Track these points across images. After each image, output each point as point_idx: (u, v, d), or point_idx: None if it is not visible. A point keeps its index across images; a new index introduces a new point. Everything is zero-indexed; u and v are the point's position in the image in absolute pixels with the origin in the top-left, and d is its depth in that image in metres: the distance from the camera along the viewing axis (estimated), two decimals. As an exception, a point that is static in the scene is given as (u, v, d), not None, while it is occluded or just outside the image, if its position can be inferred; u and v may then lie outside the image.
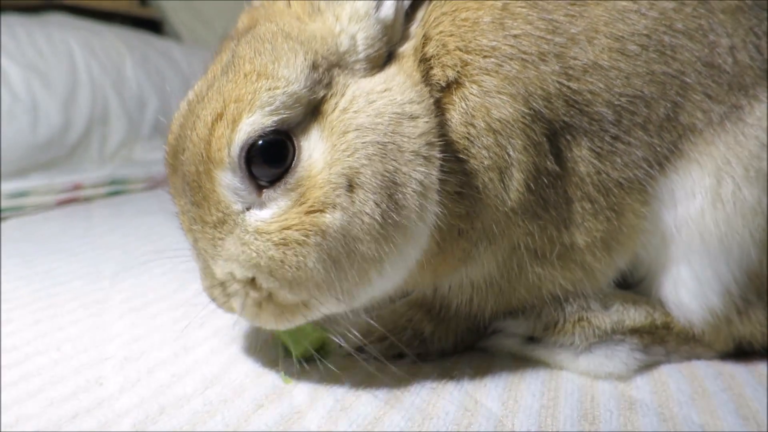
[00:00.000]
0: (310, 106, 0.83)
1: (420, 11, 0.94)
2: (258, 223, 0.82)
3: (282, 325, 0.89)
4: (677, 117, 0.93)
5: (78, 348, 1.07)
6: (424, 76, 0.89)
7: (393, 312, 1.05)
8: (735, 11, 0.94)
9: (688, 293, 0.98)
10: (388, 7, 0.89)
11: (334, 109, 0.83)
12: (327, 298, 0.85)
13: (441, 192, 0.88)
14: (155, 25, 4.15)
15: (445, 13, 0.91)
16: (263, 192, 0.82)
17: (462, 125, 0.89)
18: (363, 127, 0.82)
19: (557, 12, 0.90)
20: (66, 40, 2.86)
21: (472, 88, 0.88)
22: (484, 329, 1.06)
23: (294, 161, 0.81)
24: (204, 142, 0.80)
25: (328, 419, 0.85)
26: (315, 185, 0.81)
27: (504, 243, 0.95)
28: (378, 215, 0.82)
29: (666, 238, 0.98)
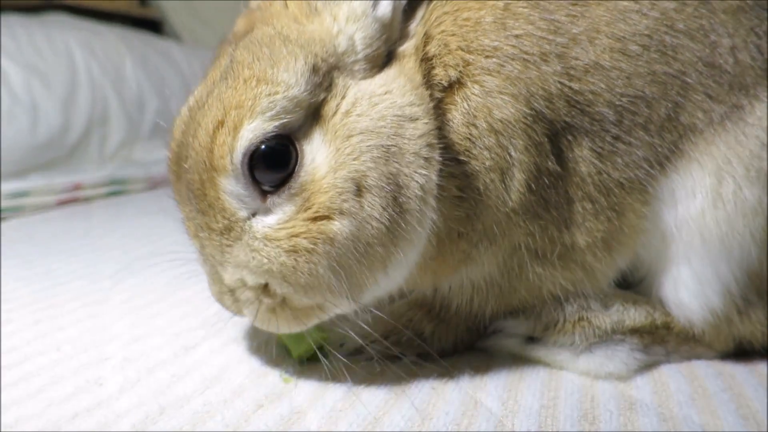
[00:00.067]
0: (310, 109, 0.82)
1: (420, 10, 0.94)
2: (266, 230, 0.82)
3: (297, 329, 0.89)
4: (678, 117, 0.93)
5: (78, 348, 1.07)
6: (425, 76, 0.89)
7: (393, 312, 1.04)
8: (736, 11, 0.94)
9: (688, 293, 0.98)
10: (385, 6, 0.89)
11: (335, 112, 0.83)
12: (340, 299, 0.85)
13: (440, 197, 0.88)
14: (155, 25, 4.15)
15: (447, 13, 0.91)
16: (267, 197, 0.82)
17: (464, 125, 0.89)
18: (367, 131, 0.82)
19: (559, 12, 0.90)
20: (66, 40, 2.86)
21: (474, 88, 0.88)
22: (484, 329, 1.06)
23: (297, 166, 0.81)
24: (206, 150, 0.80)
25: (328, 419, 0.85)
26: (319, 190, 0.80)
27: (504, 243, 0.95)
28: (386, 219, 0.82)
29: (666, 237, 0.98)
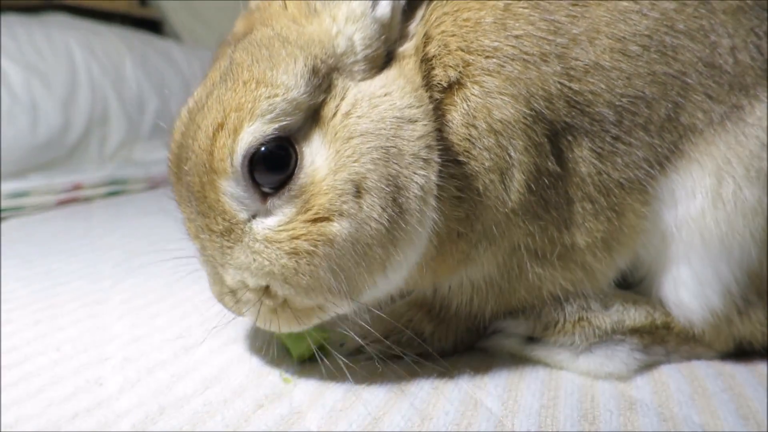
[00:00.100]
0: (310, 111, 0.82)
1: (419, 10, 0.94)
2: (266, 231, 0.82)
3: (298, 328, 0.90)
4: (678, 117, 0.93)
5: (78, 348, 1.07)
6: (425, 77, 0.89)
7: (393, 312, 1.04)
8: (736, 11, 0.94)
9: (688, 293, 0.98)
10: (384, 6, 0.88)
11: (335, 114, 0.83)
12: (340, 300, 0.86)
13: (440, 197, 0.88)
14: (155, 25, 4.15)
15: (447, 13, 0.91)
16: (268, 199, 0.82)
17: (463, 126, 0.89)
18: (367, 132, 0.82)
19: (559, 13, 0.90)
20: (66, 40, 2.86)
21: (473, 88, 0.88)
22: (484, 329, 1.06)
23: (296, 168, 0.81)
24: (206, 152, 0.80)
25: (328, 419, 0.85)
26: (319, 192, 0.81)
27: (504, 244, 0.95)
28: (385, 220, 0.82)
29: (666, 237, 0.98)
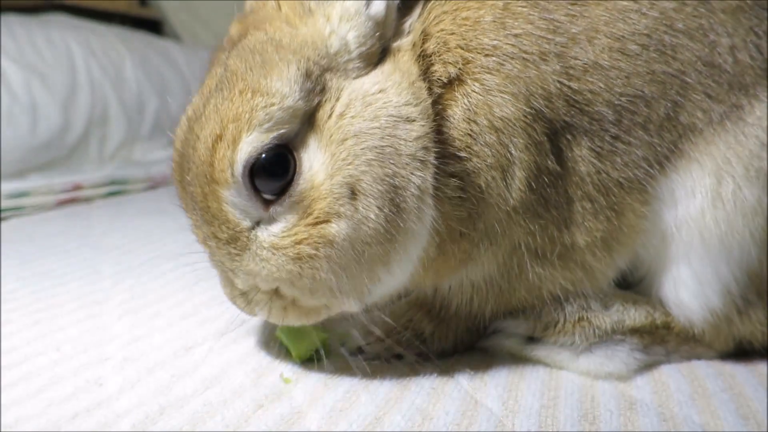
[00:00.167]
0: (306, 116, 0.83)
1: (416, 7, 0.93)
2: (272, 239, 0.83)
3: (309, 322, 0.92)
4: (677, 116, 0.93)
5: (78, 348, 1.07)
6: (423, 72, 0.89)
7: (393, 312, 1.04)
8: (735, 11, 0.94)
9: (688, 293, 0.98)
10: (378, 5, 0.88)
11: (330, 116, 0.83)
12: (345, 299, 0.87)
13: (440, 197, 0.88)
14: (155, 25, 4.15)
15: (446, 12, 0.91)
16: (270, 206, 0.83)
17: (465, 121, 0.89)
18: (361, 133, 0.82)
19: (558, 12, 0.90)
20: (66, 40, 2.86)
21: (474, 85, 0.88)
22: (484, 329, 1.06)
23: (295, 174, 0.82)
24: (206, 163, 0.81)
25: (328, 419, 0.85)
26: (319, 196, 0.81)
27: (505, 243, 0.95)
28: (382, 219, 0.83)
29: (666, 237, 0.98)
